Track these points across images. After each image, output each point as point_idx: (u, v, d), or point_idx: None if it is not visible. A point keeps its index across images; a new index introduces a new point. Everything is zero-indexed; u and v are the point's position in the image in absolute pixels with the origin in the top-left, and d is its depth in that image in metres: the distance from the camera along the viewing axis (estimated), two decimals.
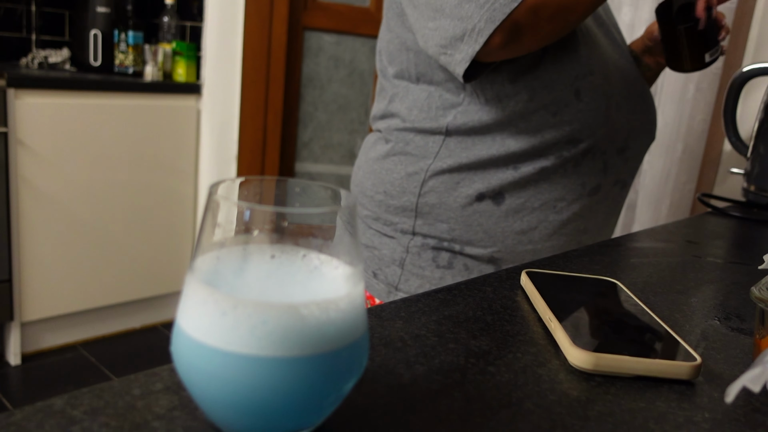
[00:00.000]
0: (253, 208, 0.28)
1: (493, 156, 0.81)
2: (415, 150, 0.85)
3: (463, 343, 0.41)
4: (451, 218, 0.83)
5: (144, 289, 2.35)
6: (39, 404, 0.30)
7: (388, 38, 0.87)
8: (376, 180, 0.88)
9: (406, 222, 0.86)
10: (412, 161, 0.85)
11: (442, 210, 0.83)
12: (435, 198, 0.83)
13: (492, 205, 0.82)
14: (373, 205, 0.88)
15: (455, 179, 0.82)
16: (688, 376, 0.39)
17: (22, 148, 1.96)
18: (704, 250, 0.73)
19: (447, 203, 0.83)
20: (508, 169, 0.81)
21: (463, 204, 0.83)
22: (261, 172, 2.49)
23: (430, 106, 0.83)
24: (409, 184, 0.85)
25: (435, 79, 0.82)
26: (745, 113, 1.20)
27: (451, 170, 0.82)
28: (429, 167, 0.83)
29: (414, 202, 0.85)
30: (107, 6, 2.28)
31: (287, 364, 0.26)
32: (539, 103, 0.78)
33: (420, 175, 0.84)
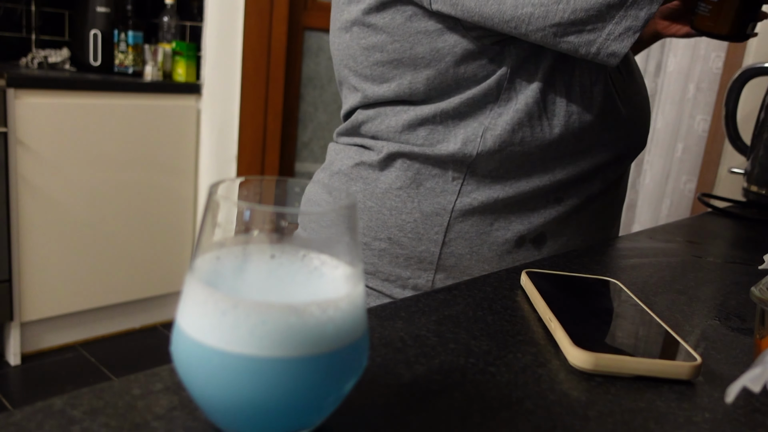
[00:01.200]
0: (253, 208, 0.28)
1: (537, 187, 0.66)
2: (431, 181, 0.66)
3: (463, 343, 0.41)
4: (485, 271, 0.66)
5: (144, 289, 2.35)
6: (39, 404, 0.30)
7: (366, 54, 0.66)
8: (374, 221, 0.68)
9: (422, 276, 0.67)
10: (428, 196, 0.66)
11: (474, 261, 0.66)
12: (464, 247, 0.66)
13: (533, 249, 0.67)
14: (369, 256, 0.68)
15: (488, 220, 0.66)
16: (688, 376, 0.39)
17: (22, 148, 1.96)
18: (704, 250, 0.73)
19: (480, 252, 0.66)
20: (549, 201, 0.67)
21: (499, 252, 0.66)
22: (261, 172, 2.49)
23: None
24: (427, 230, 0.66)
25: None
26: (745, 113, 1.20)
27: (484, 209, 0.65)
28: (454, 206, 0.66)
29: (436, 253, 0.66)
30: (107, 6, 2.29)
31: (287, 364, 0.26)
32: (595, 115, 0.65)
33: (442, 216, 0.66)
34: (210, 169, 2.41)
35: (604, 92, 0.65)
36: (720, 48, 1.63)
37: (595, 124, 0.65)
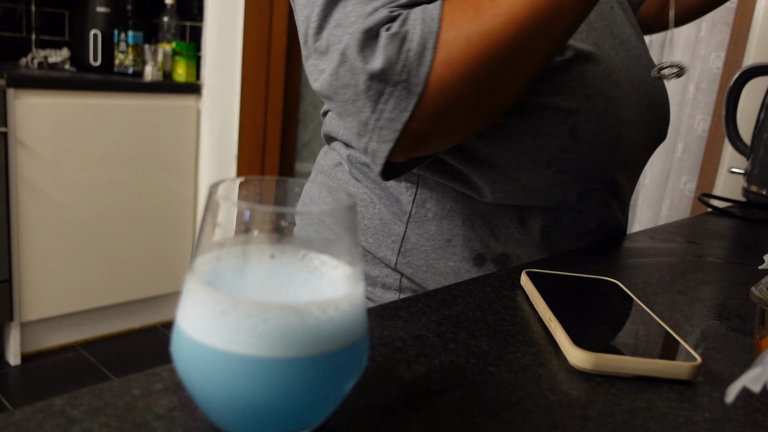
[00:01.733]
0: (253, 208, 0.28)
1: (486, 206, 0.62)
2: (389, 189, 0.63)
3: (463, 343, 0.41)
4: (442, 285, 0.62)
5: (144, 289, 2.35)
6: (39, 404, 0.30)
7: None
8: None
9: (390, 275, 0.65)
10: (387, 204, 0.63)
11: (430, 275, 0.63)
12: (420, 259, 0.63)
13: (494, 269, 0.64)
14: None
15: (446, 235, 0.62)
16: (689, 376, 0.39)
17: (22, 148, 1.96)
18: (704, 250, 0.73)
19: (436, 267, 0.63)
20: (513, 223, 0.62)
21: (456, 269, 0.63)
22: (261, 172, 2.49)
23: None
24: (385, 237, 0.64)
25: None
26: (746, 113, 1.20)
27: (440, 222, 0.62)
28: (409, 216, 0.63)
29: (393, 261, 0.64)
30: (107, 6, 2.29)
31: (287, 364, 0.26)
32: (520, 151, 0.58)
33: (398, 226, 0.63)
34: (210, 169, 2.41)
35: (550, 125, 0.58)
36: (720, 48, 1.63)
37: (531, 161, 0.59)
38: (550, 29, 0.46)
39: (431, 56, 0.46)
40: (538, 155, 0.57)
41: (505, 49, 0.46)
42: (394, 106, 0.47)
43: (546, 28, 0.46)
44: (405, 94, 0.46)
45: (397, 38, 0.46)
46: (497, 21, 0.45)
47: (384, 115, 0.47)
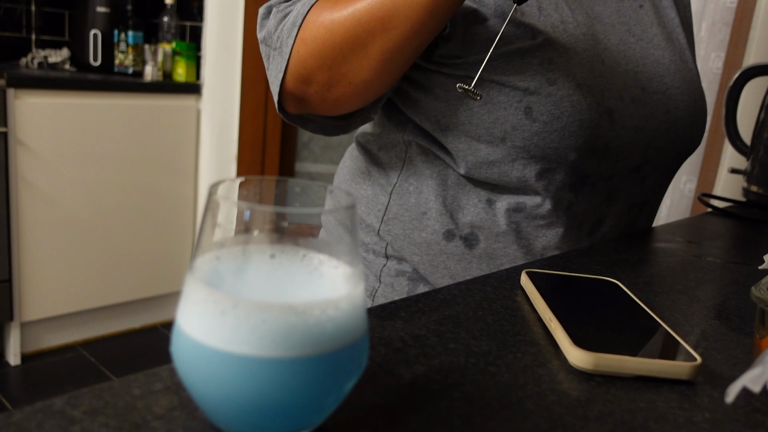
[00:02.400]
0: (253, 208, 0.28)
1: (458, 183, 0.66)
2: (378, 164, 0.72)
3: (463, 343, 0.41)
4: (415, 254, 0.69)
5: (144, 289, 2.35)
6: (39, 404, 0.30)
7: None
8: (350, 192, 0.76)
9: (378, 243, 0.72)
10: (377, 176, 0.72)
11: (406, 244, 0.69)
12: (399, 228, 0.70)
13: (463, 247, 0.67)
14: None
15: (422, 208, 0.68)
16: (689, 376, 0.39)
17: (22, 148, 1.96)
18: (704, 250, 0.73)
19: (412, 237, 0.69)
20: (481, 203, 0.66)
21: (428, 241, 0.68)
22: (261, 172, 2.49)
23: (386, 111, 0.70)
24: (373, 206, 0.71)
25: None
26: (746, 113, 1.20)
27: (418, 195, 0.68)
28: (393, 188, 0.70)
29: (377, 229, 0.71)
30: (107, 6, 2.29)
31: (287, 364, 0.26)
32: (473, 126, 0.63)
33: (383, 196, 0.71)
34: (210, 169, 2.41)
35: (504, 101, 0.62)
36: (720, 48, 1.63)
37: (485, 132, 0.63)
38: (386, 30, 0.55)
39: (296, 32, 0.57)
40: (493, 128, 0.62)
41: (343, 38, 0.56)
42: (274, 67, 0.60)
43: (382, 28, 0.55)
44: (279, 59, 0.59)
45: (281, 14, 0.60)
46: (342, 14, 0.56)
47: (271, 72, 0.61)
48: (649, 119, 0.68)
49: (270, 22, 0.61)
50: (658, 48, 0.71)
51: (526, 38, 0.61)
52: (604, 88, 0.63)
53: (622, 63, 0.67)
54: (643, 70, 0.69)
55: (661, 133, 0.69)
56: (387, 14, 0.54)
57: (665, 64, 0.71)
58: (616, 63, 0.66)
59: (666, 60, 0.71)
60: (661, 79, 0.70)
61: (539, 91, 0.61)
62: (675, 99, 0.71)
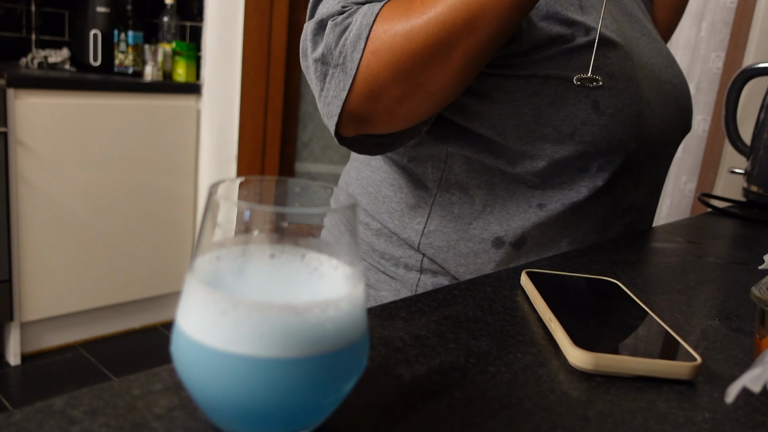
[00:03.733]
0: (253, 208, 0.28)
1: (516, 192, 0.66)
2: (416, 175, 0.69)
3: (463, 343, 0.41)
4: (461, 265, 0.68)
5: (144, 289, 2.36)
6: (39, 404, 0.30)
7: None
8: (371, 205, 0.73)
9: (413, 257, 0.70)
10: (413, 189, 0.69)
11: (451, 255, 0.68)
12: (442, 240, 0.68)
13: (512, 251, 0.67)
14: (368, 234, 0.73)
15: (467, 219, 0.67)
16: (689, 376, 0.39)
17: (22, 148, 1.96)
18: (704, 250, 0.73)
19: (457, 248, 0.67)
20: (531, 207, 0.66)
21: (476, 250, 0.67)
22: (261, 172, 2.49)
23: None
24: (411, 220, 0.69)
25: None
26: (746, 113, 1.20)
27: (462, 206, 0.67)
28: (434, 199, 0.68)
29: (416, 243, 0.69)
30: (107, 6, 2.29)
31: (287, 364, 0.26)
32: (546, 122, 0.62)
33: (423, 209, 0.69)
34: (210, 169, 2.41)
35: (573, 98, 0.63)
36: (720, 48, 1.63)
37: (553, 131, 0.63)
38: (472, 32, 0.51)
39: (363, 45, 0.52)
40: (562, 125, 0.62)
41: (425, 45, 0.51)
42: (335, 86, 0.55)
43: (467, 30, 0.51)
44: (342, 76, 0.54)
45: (339, 28, 0.54)
46: (421, 19, 0.51)
47: (329, 92, 0.55)
48: (666, 108, 0.70)
49: (328, 38, 0.54)
50: (656, 41, 0.75)
51: (581, 35, 0.61)
52: (642, 79, 0.66)
53: (641, 57, 0.69)
54: (654, 62, 0.71)
55: (674, 119, 0.72)
56: (474, 15, 0.51)
57: (665, 55, 0.74)
58: (639, 57, 0.68)
59: (664, 51, 0.75)
60: (666, 69, 0.73)
61: (603, 85, 0.61)
62: (678, 87, 0.74)
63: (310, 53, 0.56)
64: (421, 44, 0.51)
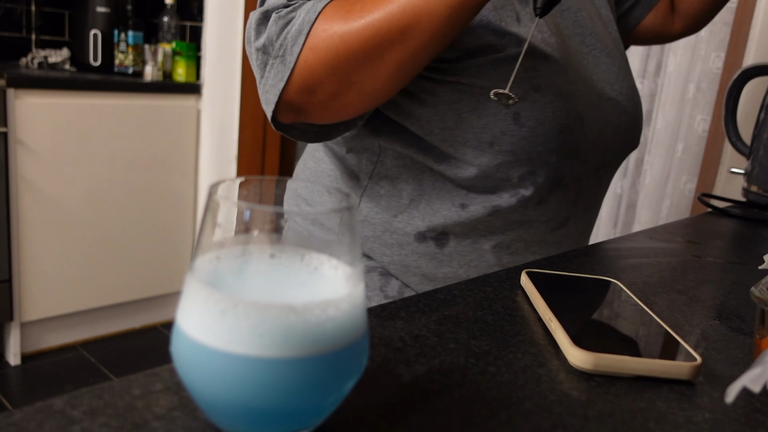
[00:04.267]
0: (253, 208, 0.28)
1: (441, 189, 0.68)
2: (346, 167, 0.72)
3: (463, 343, 0.41)
4: (386, 255, 0.70)
5: (144, 289, 2.35)
6: (39, 404, 0.30)
7: None
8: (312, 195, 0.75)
9: None
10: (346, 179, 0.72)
11: (377, 245, 0.70)
12: (369, 230, 0.71)
13: (434, 246, 0.69)
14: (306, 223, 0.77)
15: (392, 211, 0.69)
16: (689, 376, 0.39)
17: (22, 148, 1.96)
18: (704, 250, 0.73)
19: (382, 238, 0.70)
20: (454, 206, 0.68)
21: (400, 242, 0.69)
22: (261, 172, 2.49)
23: None
24: None
25: None
26: (746, 113, 1.20)
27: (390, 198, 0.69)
28: (364, 191, 0.71)
29: None
30: (107, 6, 2.29)
31: (287, 364, 0.26)
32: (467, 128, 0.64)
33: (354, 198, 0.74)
34: (210, 169, 2.41)
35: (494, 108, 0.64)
36: (720, 48, 1.63)
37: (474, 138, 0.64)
38: (405, 40, 0.54)
39: (303, 41, 0.55)
40: (482, 133, 0.63)
41: (359, 48, 0.54)
42: (274, 76, 0.57)
43: (401, 38, 0.54)
44: (281, 67, 0.56)
45: (282, 21, 0.56)
46: (358, 23, 0.54)
47: (269, 81, 0.58)
48: (607, 124, 0.71)
49: (271, 29, 0.57)
50: (609, 56, 0.74)
51: (512, 46, 0.62)
52: (576, 94, 0.66)
53: (582, 71, 0.69)
54: (599, 78, 0.72)
55: (616, 137, 0.73)
56: (408, 24, 0.53)
57: (614, 71, 0.73)
58: (578, 72, 0.68)
59: (615, 67, 0.74)
60: (611, 85, 0.73)
61: (526, 98, 0.63)
62: (623, 104, 0.74)
63: (253, 41, 0.59)
64: (356, 47, 0.54)
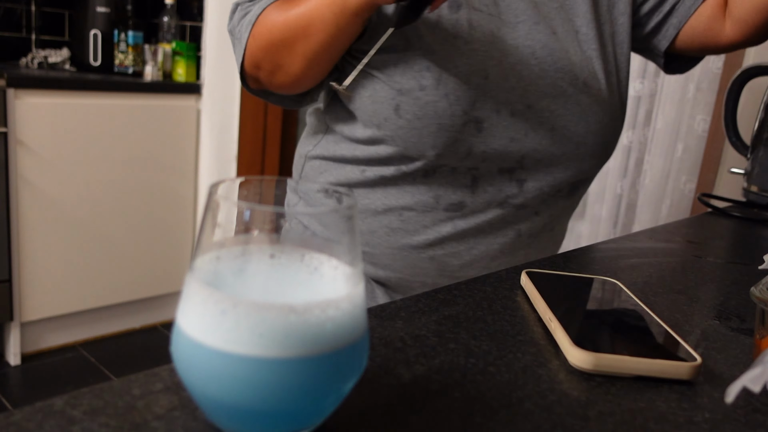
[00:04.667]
0: (253, 208, 0.28)
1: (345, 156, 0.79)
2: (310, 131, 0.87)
3: (463, 343, 0.41)
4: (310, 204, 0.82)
5: (144, 289, 2.35)
6: (39, 404, 0.30)
7: None
8: None
9: None
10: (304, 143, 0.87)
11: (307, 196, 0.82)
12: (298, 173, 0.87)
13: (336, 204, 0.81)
14: None
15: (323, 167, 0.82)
16: (688, 376, 0.39)
17: (22, 148, 1.96)
18: (704, 250, 0.73)
19: None
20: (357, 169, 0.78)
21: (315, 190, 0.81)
22: (261, 172, 2.49)
23: None
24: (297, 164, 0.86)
25: None
26: (746, 113, 1.20)
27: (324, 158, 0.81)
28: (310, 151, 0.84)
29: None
30: (107, 6, 2.29)
31: (287, 364, 0.26)
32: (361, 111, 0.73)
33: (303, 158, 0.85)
34: (210, 169, 2.41)
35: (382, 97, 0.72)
36: None
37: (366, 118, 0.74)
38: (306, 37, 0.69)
39: (250, 29, 0.72)
40: (372, 117, 0.73)
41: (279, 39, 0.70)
42: (236, 53, 0.75)
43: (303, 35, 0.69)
44: (239, 48, 0.74)
45: (242, 12, 0.74)
46: (279, 19, 0.70)
47: (235, 56, 0.75)
48: (529, 133, 0.74)
49: (235, 17, 0.75)
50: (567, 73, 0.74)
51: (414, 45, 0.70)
52: (477, 99, 0.71)
53: (513, 81, 0.72)
54: (537, 90, 0.73)
55: (543, 147, 0.75)
56: (306, 24, 0.68)
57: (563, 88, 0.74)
58: (504, 80, 0.72)
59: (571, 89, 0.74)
60: (554, 100, 0.74)
61: (410, 94, 0.70)
62: (565, 120, 0.75)
63: (227, 25, 0.77)
64: (277, 37, 0.70)
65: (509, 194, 0.77)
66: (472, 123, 0.71)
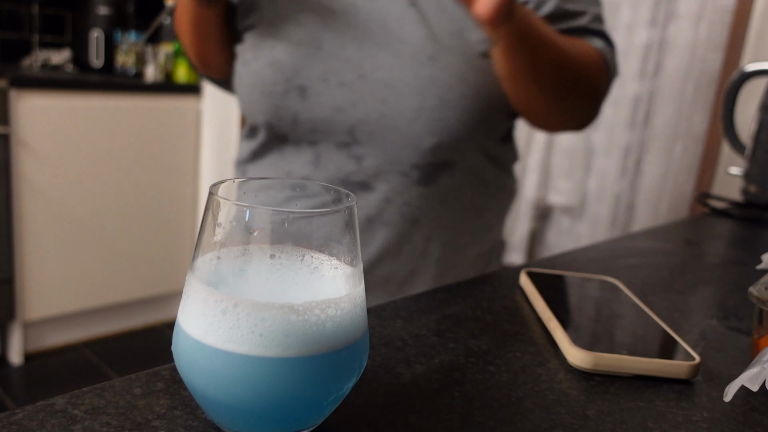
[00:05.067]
0: (253, 208, 0.28)
1: None
2: None
3: (462, 343, 0.42)
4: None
5: (146, 288, 2.36)
6: (40, 403, 0.30)
7: None
8: None
9: None
10: None
11: None
12: None
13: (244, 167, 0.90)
14: None
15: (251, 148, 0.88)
16: (687, 376, 0.39)
17: (24, 149, 1.96)
18: (703, 250, 0.74)
19: None
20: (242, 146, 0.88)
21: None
22: None
23: None
24: None
25: None
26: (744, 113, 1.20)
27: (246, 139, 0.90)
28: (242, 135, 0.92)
29: None
30: (109, 7, 2.29)
31: (287, 364, 0.26)
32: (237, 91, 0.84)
33: None
34: (210, 169, 2.41)
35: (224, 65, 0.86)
36: (718, 49, 1.63)
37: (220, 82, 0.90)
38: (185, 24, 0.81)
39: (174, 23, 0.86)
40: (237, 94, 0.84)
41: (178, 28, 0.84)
42: None
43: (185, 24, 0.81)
44: None
45: None
46: None
47: None
48: (358, 104, 0.73)
49: None
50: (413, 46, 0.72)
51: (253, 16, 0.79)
52: (301, 68, 0.75)
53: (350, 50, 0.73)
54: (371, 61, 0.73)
55: (372, 119, 0.73)
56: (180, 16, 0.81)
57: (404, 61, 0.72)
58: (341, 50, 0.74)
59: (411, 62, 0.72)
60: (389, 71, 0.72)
61: (246, 62, 0.78)
62: (398, 91, 0.72)
63: None
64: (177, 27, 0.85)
65: (348, 171, 0.76)
66: (294, 90, 0.75)
